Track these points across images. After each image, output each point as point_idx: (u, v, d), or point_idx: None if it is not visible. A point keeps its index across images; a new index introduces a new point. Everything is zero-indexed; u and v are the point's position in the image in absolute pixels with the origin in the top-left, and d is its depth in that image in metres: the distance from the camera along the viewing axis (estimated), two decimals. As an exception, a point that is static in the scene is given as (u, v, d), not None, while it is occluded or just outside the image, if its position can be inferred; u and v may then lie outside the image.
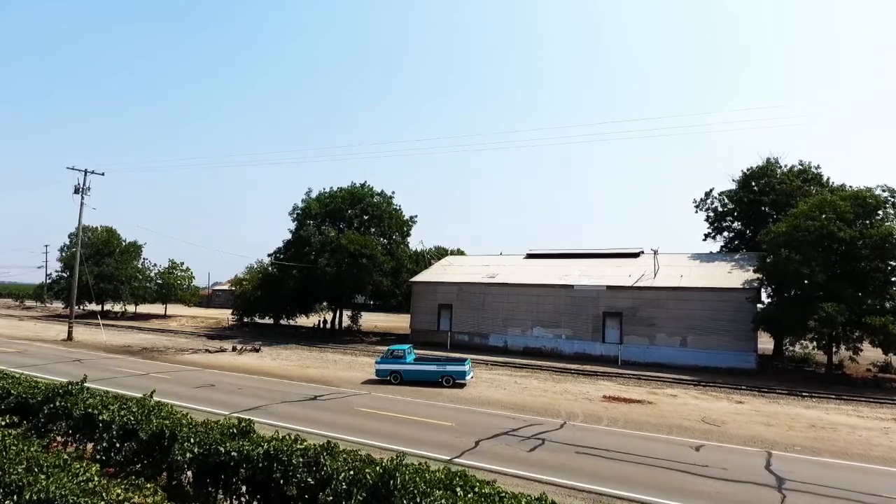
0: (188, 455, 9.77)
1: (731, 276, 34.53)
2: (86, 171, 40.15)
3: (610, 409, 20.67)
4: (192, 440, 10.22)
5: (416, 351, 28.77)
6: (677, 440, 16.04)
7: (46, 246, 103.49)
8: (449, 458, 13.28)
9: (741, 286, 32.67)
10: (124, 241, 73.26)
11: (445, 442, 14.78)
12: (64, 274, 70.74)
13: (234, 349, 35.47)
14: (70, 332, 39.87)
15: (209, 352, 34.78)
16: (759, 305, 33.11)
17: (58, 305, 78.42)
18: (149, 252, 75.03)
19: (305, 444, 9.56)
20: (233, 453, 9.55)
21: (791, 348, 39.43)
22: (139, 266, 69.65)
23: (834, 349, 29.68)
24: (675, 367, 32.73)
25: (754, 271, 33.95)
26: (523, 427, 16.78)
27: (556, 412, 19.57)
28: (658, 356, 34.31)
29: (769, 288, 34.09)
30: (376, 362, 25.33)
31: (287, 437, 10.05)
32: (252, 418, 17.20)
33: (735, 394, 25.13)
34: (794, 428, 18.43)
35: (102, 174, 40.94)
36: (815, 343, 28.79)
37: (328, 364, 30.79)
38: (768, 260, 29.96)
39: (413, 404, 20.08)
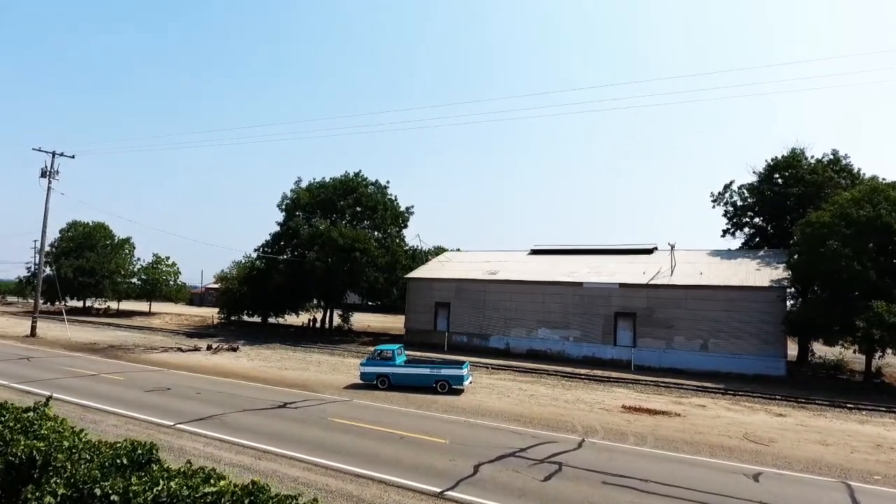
0: (48, 500, 6.58)
1: (759, 273, 31.38)
2: (53, 154, 37.07)
3: (633, 422, 17.52)
4: (63, 474, 6.98)
5: (409, 352, 25.63)
6: (726, 465, 12.88)
7: (35, 241, 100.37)
8: (440, 490, 10.17)
9: (769, 284, 29.52)
10: (117, 237, 70.13)
11: (437, 466, 11.63)
12: (44, 269, 67.46)
13: (208, 348, 32.31)
14: (33, 328, 36.72)
15: (181, 351, 31.62)
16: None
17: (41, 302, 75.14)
18: (139, 249, 71.48)
19: (220, 485, 6.34)
20: (112, 497, 6.33)
21: (817, 354, 36.38)
22: (120, 260, 66.15)
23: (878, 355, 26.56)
24: (694, 373, 29.61)
25: (785, 268, 30.88)
26: (534, 446, 13.63)
27: (571, 426, 16.42)
28: (675, 361, 31.16)
29: (795, 287, 30.99)
30: (361, 364, 22.17)
31: (200, 472, 6.78)
32: (199, 432, 14.11)
33: (771, 405, 21.96)
34: (858, 449, 15.27)
35: (72, 157, 37.86)
36: (856, 347, 25.66)
37: (310, 366, 27.62)
38: (796, 257, 26.93)
39: (401, 415, 16.93)
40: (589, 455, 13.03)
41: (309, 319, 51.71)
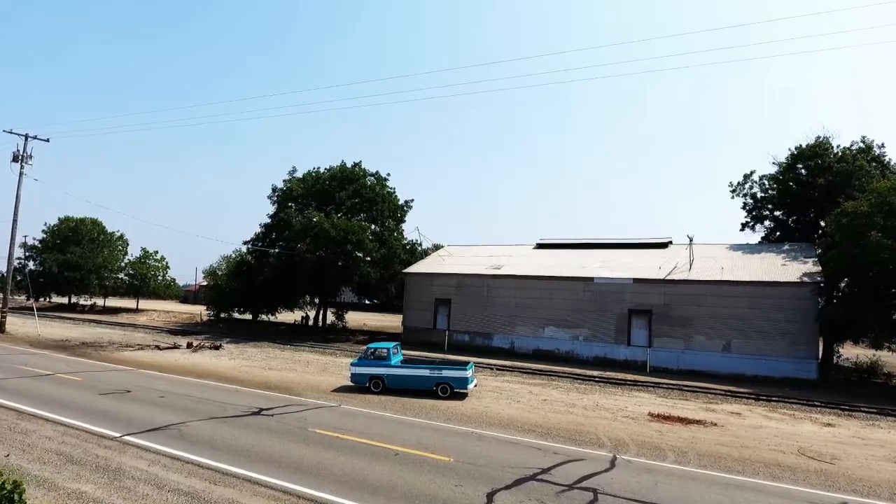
0: None
1: (786, 268, 28.93)
2: (26, 137, 34.49)
3: (665, 433, 15.05)
4: None
5: (406, 352, 23.14)
6: (798, 492, 10.41)
7: (25, 236, 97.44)
8: (445, 531, 7.68)
9: (800, 280, 27.08)
10: (114, 232, 67.54)
11: (441, 496, 9.15)
12: (27, 263, 64.89)
13: (189, 346, 29.77)
14: (2, 324, 34.12)
15: (158, 349, 29.09)
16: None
17: (24, 298, 72.48)
18: (130, 245, 68.70)
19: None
20: None
21: (843, 355, 33.98)
22: (108, 255, 63.42)
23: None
24: (715, 375, 27.20)
25: (814, 262, 28.49)
26: (558, 465, 11.16)
27: (596, 438, 13.94)
28: (695, 362, 28.72)
29: (829, 283, 28.55)
30: (352, 364, 19.64)
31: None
32: (148, 445, 11.26)
33: (814, 412, 19.52)
34: (940, 468, 12.81)
35: (47, 140, 35.26)
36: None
37: (297, 366, 25.12)
38: (821, 251, 24.48)
39: (396, 424, 14.45)
40: (626, 477, 10.55)
41: (302, 317, 49.23)
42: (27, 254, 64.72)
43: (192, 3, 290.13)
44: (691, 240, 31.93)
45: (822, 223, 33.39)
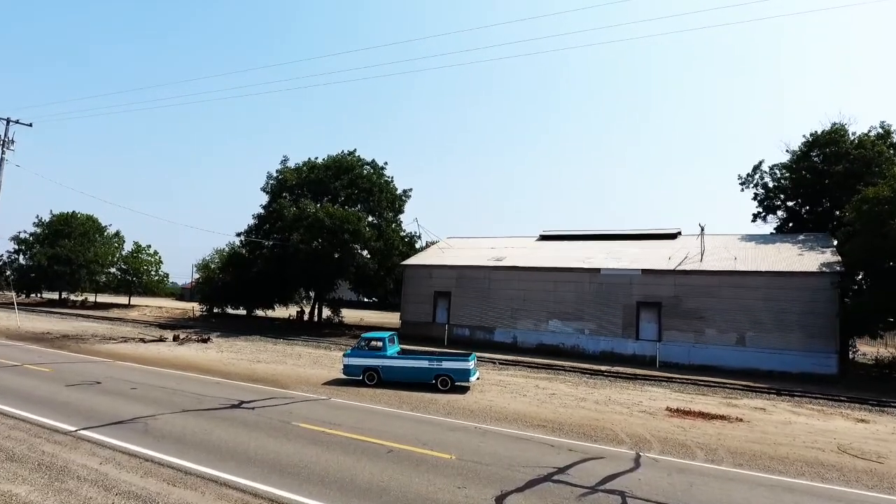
0: None
1: (803, 258, 27.54)
2: (8, 121, 32.98)
3: (688, 429, 13.63)
4: None
5: (403, 347, 21.63)
6: (854, 495, 8.99)
7: (20, 232, 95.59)
8: (447, 544, 6.25)
9: (820, 270, 25.68)
10: (108, 226, 65.97)
11: (441, 499, 7.73)
12: (17, 257, 63.38)
13: (175, 339, 28.30)
14: (-19, 316, 32.65)
15: (143, 341, 27.61)
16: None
17: (12, 293, 70.81)
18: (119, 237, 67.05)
19: None
20: None
21: (860, 350, 32.68)
22: (98, 250, 61.70)
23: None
24: (729, 370, 25.82)
25: (833, 252, 27.10)
26: (575, 464, 9.73)
27: (614, 434, 12.52)
28: (707, 357, 27.32)
29: (849, 273, 27.19)
30: (345, 355, 18.19)
31: None
32: (105, 441, 9.34)
33: (842, 408, 18.11)
34: None
35: (30, 125, 33.74)
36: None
37: (288, 359, 23.66)
38: (838, 241, 23.08)
39: (391, 418, 13.02)
40: (656, 478, 9.13)
41: (297, 312, 47.78)
42: (18, 248, 63.16)
43: (192, 4, 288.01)
44: (703, 229, 30.55)
45: (838, 213, 32.05)
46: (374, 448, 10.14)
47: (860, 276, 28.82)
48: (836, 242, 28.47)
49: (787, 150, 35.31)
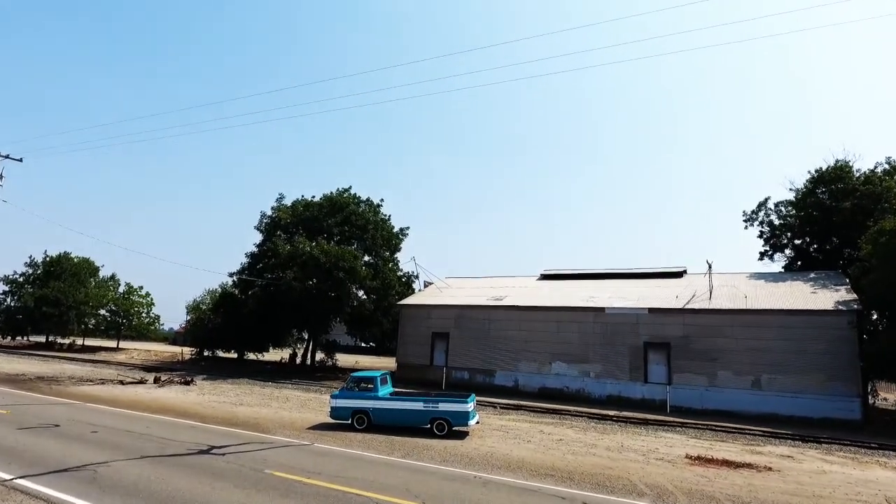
0: None
1: (817, 297, 26.34)
2: (-2, 156, 32.36)
3: (713, 479, 12.12)
4: None
5: (399, 391, 20.13)
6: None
7: (14, 272, 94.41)
8: None
9: (837, 308, 24.44)
10: (100, 266, 65.08)
11: (431, 564, 6.30)
12: (5, 298, 61.92)
13: (155, 381, 26.71)
14: (-45, 357, 31.10)
15: (122, 383, 26.02)
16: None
17: None
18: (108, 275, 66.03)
19: None
20: None
21: (880, 395, 31.00)
22: (90, 292, 60.31)
23: None
24: (746, 416, 24.16)
25: (848, 290, 25.94)
26: (591, 520, 8.29)
27: (631, 484, 11.03)
28: (721, 401, 25.65)
29: (868, 311, 25.94)
30: (332, 396, 16.71)
31: None
32: (41, 492, 7.03)
33: (877, 456, 16.55)
34: None
35: (20, 160, 33.07)
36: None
37: (274, 402, 22.06)
38: (848, 276, 21.99)
39: (379, 466, 11.53)
40: (689, 538, 7.68)
41: (290, 355, 46.03)
42: (8, 289, 61.83)
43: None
44: (710, 266, 29.46)
45: (848, 250, 31.09)
46: (357, 501, 8.70)
47: (874, 317, 27.59)
48: (848, 281, 27.38)
49: (791, 188, 34.70)
